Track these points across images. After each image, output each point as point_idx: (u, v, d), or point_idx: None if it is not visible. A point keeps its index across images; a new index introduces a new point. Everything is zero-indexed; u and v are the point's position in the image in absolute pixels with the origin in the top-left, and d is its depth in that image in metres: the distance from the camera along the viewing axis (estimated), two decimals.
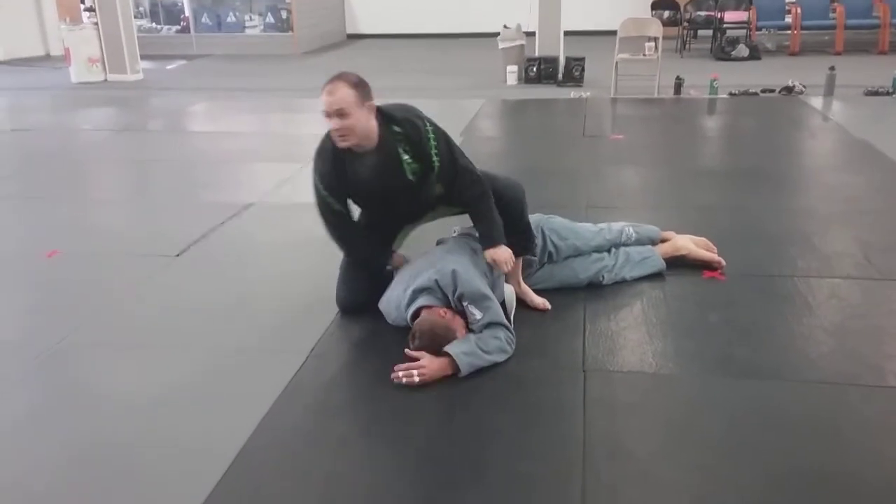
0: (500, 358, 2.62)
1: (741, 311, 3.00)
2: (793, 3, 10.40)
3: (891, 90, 7.21)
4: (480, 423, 2.32)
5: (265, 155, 5.81)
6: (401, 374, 2.51)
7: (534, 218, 3.13)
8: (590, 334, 2.83)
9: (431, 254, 2.91)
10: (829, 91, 7.32)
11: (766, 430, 2.24)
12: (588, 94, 7.85)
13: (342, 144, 2.70)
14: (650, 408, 2.41)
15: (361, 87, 2.68)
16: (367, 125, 2.68)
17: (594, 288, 3.16)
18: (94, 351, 2.84)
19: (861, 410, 2.33)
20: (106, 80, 9.60)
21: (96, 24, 9.52)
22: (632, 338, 2.82)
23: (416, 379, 2.50)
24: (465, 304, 2.65)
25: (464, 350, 2.57)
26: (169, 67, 10.92)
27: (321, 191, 2.84)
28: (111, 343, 2.90)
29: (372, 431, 2.32)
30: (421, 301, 2.68)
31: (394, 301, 2.82)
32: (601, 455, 2.14)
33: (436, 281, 2.68)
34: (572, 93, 7.95)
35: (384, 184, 2.81)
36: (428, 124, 2.80)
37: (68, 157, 6.05)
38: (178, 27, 12.66)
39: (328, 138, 2.77)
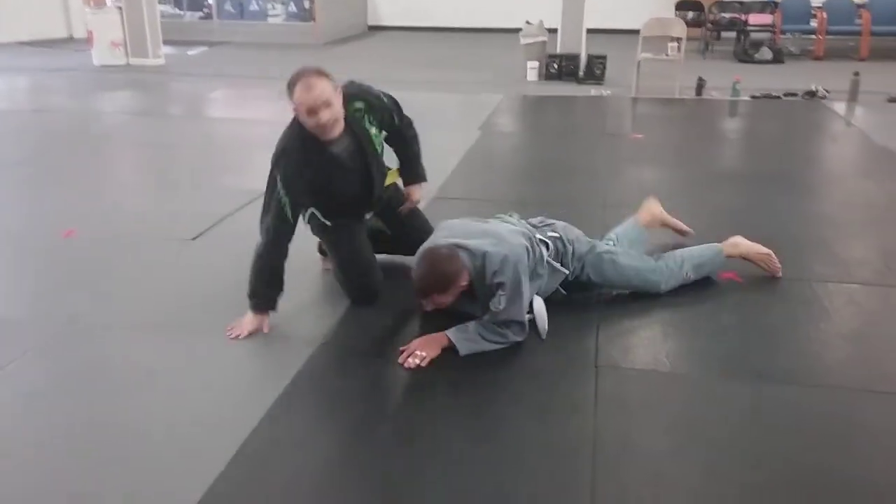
0: (502, 345, 2.63)
1: (758, 314, 2.97)
2: (819, 7, 10.30)
3: None
4: (490, 417, 2.31)
5: None
6: (406, 363, 2.53)
7: (587, 246, 2.99)
8: (603, 331, 2.81)
9: (492, 225, 2.81)
10: (852, 97, 7.24)
11: (778, 434, 2.22)
12: (609, 92, 7.81)
13: (331, 135, 2.72)
14: (662, 407, 2.39)
15: (329, 76, 2.71)
16: (341, 111, 2.73)
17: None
18: (106, 332, 2.85)
19: (874, 417, 2.31)
20: (128, 63, 9.65)
21: (120, 8, 9.57)
22: (645, 336, 2.80)
23: (420, 362, 2.53)
24: (498, 291, 2.58)
25: (464, 336, 2.60)
26: (190, 53, 10.96)
27: (281, 195, 2.74)
28: (123, 324, 2.91)
29: (381, 421, 2.31)
30: (461, 254, 2.61)
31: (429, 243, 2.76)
32: (612, 452, 2.13)
33: (485, 254, 2.58)
34: (593, 90, 7.91)
35: (364, 162, 2.89)
36: (374, 88, 2.94)
37: (88, 138, 6.09)
38: (202, 14, 12.71)
39: (292, 137, 2.77)
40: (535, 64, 8.57)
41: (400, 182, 3.24)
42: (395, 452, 2.15)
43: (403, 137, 3.14)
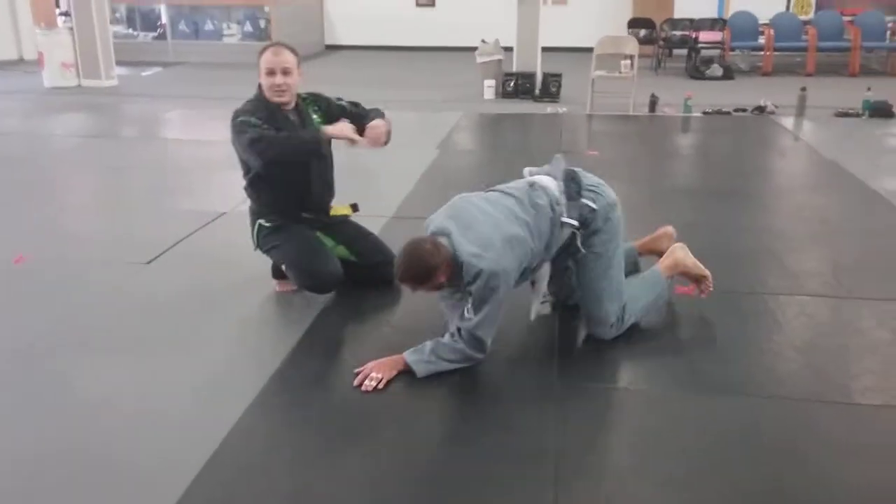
0: (461, 364, 2.62)
1: (711, 328, 3.02)
2: (766, 24, 10.58)
3: (861, 112, 7.34)
4: (451, 436, 2.31)
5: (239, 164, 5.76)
6: (364, 386, 2.54)
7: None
8: (563, 349, 2.84)
9: (496, 218, 2.66)
10: (800, 111, 7.43)
11: (734, 446, 2.25)
12: (564, 109, 7.91)
13: (279, 99, 3.09)
14: (621, 423, 2.42)
15: (298, 56, 3.16)
16: (296, 87, 3.15)
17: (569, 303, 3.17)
18: (59, 357, 2.79)
19: (827, 428, 2.36)
20: (79, 85, 9.49)
21: (71, 28, 9.42)
22: (604, 353, 2.83)
23: (377, 384, 2.54)
24: (471, 299, 2.56)
25: (420, 359, 2.60)
26: (144, 74, 10.83)
27: (253, 122, 3.02)
28: (77, 349, 2.85)
29: (344, 442, 2.30)
30: (442, 239, 2.59)
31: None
32: (573, 470, 2.14)
33: (462, 263, 2.53)
34: (549, 108, 8.00)
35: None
36: (324, 95, 3.36)
37: (38, 162, 5.97)
38: (155, 34, 12.57)
39: (251, 100, 3.15)
40: (492, 82, 8.65)
41: (352, 214, 3.47)
42: (360, 478, 2.13)
43: (364, 112, 3.32)
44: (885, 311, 3.14)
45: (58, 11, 9.86)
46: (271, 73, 3.06)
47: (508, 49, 8.81)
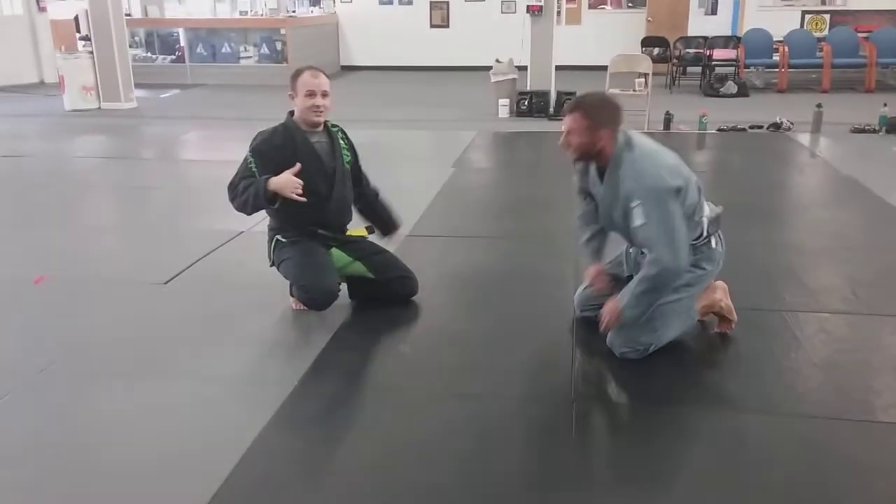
0: (659, 290, 2.69)
1: (730, 344, 3.00)
2: (780, 41, 10.57)
3: (877, 127, 7.30)
4: (467, 450, 2.30)
5: None
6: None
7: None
8: (580, 364, 2.83)
9: (683, 169, 2.79)
10: (816, 128, 7.41)
11: (753, 464, 2.23)
12: None
13: (317, 119, 3.26)
14: (642, 439, 2.40)
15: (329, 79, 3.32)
16: (330, 108, 3.29)
17: (584, 317, 3.16)
18: (77, 378, 2.81)
19: (848, 445, 2.33)
20: (100, 107, 9.63)
21: (91, 52, 9.58)
22: (621, 369, 2.81)
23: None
24: (631, 204, 2.63)
25: (627, 304, 2.73)
26: (163, 96, 10.97)
27: (248, 157, 3.20)
28: (95, 371, 2.87)
29: (355, 465, 2.30)
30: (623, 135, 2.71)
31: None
32: (595, 483, 2.13)
33: (637, 169, 2.64)
34: None
35: (329, 161, 3.30)
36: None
37: (60, 183, 6.05)
38: (173, 57, 12.74)
39: (277, 127, 3.29)
40: (506, 101, 8.69)
41: (370, 236, 3.53)
42: (368, 490, 2.13)
43: (373, 192, 3.55)
44: None
45: (78, 36, 9.99)
46: (311, 94, 3.21)
47: (523, 68, 8.86)
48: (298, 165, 3.12)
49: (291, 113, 3.32)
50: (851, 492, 2.12)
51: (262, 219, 3.49)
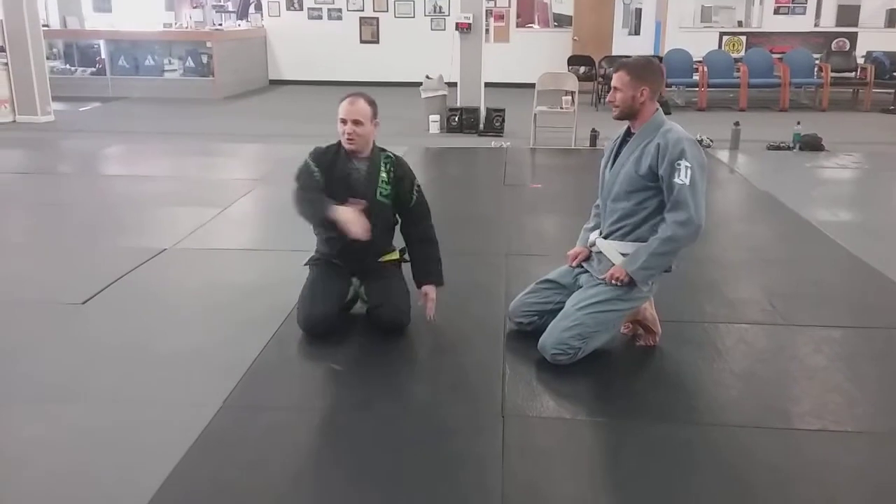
0: (672, 251, 2.91)
1: (655, 356, 3.06)
2: (700, 61, 10.94)
3: (791, 145, 7.61)
4: (395, 471, 2.28)
5: (181, 199, 5.67)
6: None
7: None
8: (509, 379, 2.84)
9: None
10: (734, 145, 7.69)
11: (678, 474, 2.27)
12: (508, 143, 8.02)
13: (350, 146, 3.22)
14: (567, 453, 2.42)
15: (374, 107, 3.28)
16: (370, 136, 3.27)
17: (514, 332, 3.18)
18: None
19: (768, 453, 2.40)
20: (14, 121, 9.25)
21: (6, 64, 9.21)
22: (549, 383, 2.83)
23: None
24: (679, 161, 2.84)
25: (637, 266, 2.88)
26: (82, 109, 10.62)
27: (310, 163, 3.24)
28: (7, 394, 2.73)
29: (283, 485, 2.24)
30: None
31: None
32: (519, 501, 2.13)
33: (679, 137, 2.90)
34: (493, 142, 8.10)
35: (361, 187, 3.25)
36: (412, 173, 3.40)
37: None
38: (94, 69, 12.36)
39: (335, 144, 3.30)
40: (437, 117, 8.73)
41: (402, 262, 3.46)
42: None
43: (424, 235, 3.42)
44: (820, 337, 3.24)
45: None
46: (344, 121, 3.21)
47: (452, 84, 8.92)
48: (364, 202, 3.13)
49: None
50: (773, 498, 2.18)
51: (187, 233, 3.39)
